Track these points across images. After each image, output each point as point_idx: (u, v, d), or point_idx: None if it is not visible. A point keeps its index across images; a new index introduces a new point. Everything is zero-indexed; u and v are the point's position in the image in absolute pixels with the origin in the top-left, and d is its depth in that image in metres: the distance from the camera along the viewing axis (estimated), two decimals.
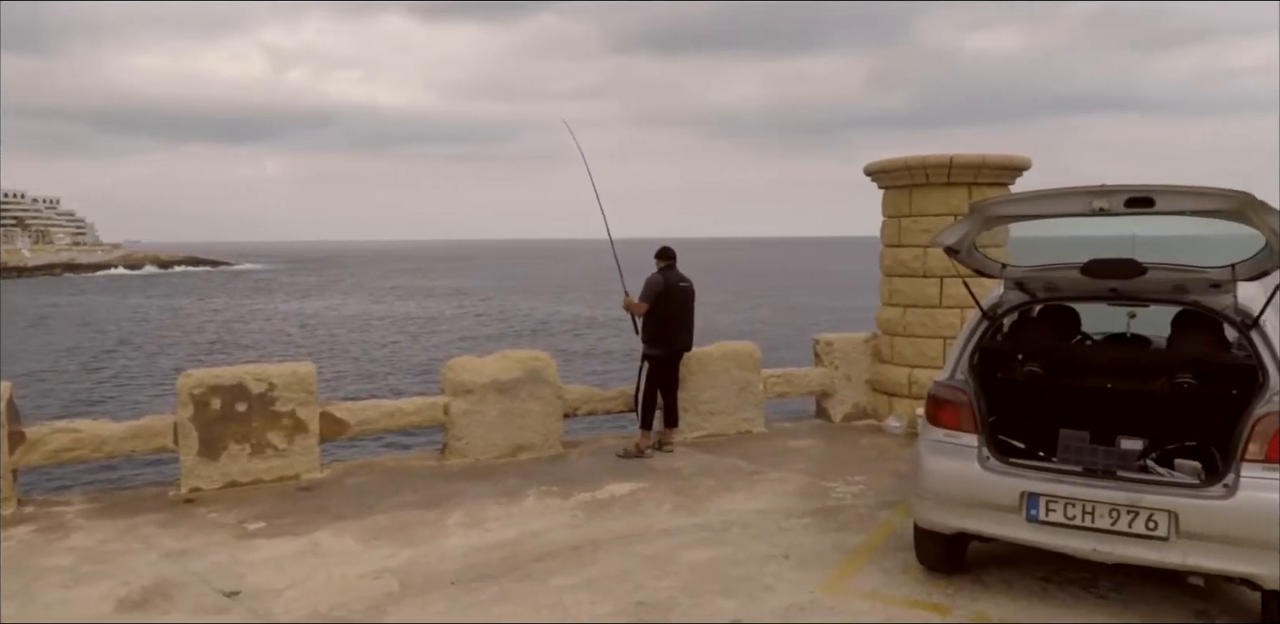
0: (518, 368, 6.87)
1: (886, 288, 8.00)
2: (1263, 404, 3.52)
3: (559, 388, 7.05)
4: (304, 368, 6.36)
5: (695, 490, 5.94)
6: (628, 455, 6.84)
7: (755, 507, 5.55)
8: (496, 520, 5.33)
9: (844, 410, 8.15)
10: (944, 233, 4.17)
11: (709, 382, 7.49)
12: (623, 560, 4.61)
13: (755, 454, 6.93)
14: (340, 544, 4.95)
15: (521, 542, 4.93)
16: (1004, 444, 4.12)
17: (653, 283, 6.85)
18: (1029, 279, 4.33)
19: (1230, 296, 3.90)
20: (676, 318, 6.89)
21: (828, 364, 8.14)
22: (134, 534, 5.17)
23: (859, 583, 4.29)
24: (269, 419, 6.17)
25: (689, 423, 7.45)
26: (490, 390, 6.77)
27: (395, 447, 10.50)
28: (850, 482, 6.11)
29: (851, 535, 4.99)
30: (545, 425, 6.98)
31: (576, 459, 6.88)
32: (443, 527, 5.22)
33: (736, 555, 4.67)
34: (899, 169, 7.51)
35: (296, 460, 6.26)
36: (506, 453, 6.84)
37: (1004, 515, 3.79)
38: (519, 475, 6.35)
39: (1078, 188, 3.64)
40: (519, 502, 5.72)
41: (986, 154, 7.23)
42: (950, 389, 4.10)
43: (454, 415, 6.73)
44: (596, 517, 5.38)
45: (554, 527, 5.20)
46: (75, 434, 5.86)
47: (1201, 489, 3.49)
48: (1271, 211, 3.35)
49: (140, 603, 4.15)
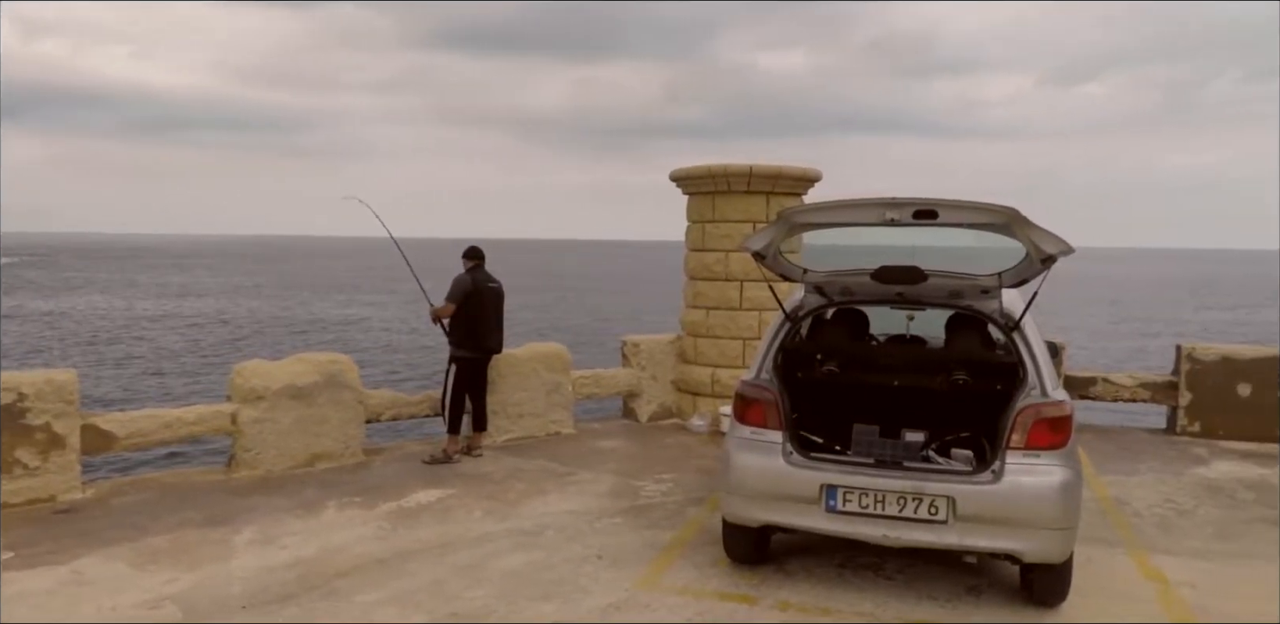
0: (315, 372, 6.47)
1: (690, 290, 8.27)
2: (1023, 398, 3.95)
3: (360, 393, 6.71)
4: (62, 375, 5.64)
5: (506, 495, 5.85)
6: (435, 461, 6.63)
7: (567, 508, 5.55)
8: (293, 536, 4.98)
9: (650, 410, 8.34)
10: (752, 238, 4.36)
11: (518, 384, 7.41)
12: (434, 571, 4.45)
13: (566, 456, 6.94)
14: (109, 571, 4.44)
15: (322, 557, 4.64)
16: (805, 439, 4.36)
17: (460, 283, 6.68)
18: (827, 283, 4.61)
19: (997, 301, 4.35)
20: (485, 319, 6.76)
21: (635, 365, 8.29)
22: None
23: (671, 579, 4.39)
24: (18, 434, 5.43)
25: (498, 426, 7.33)
26: (284, 396, 6.33)
27: (179, 460, 9.58)
28: (659, 480, 6.26)
29: (662, 532, 5.10)
30: (345, 432, 6.62)
31: (380, 467, 6.58)
32: (231, 546, 4.81)
33: (551, 559, 4.64)
34: (703, 176, 7.78)
35: (52, 480, 5.55)
36: (303, 463, 6.42)
37: (806, 507, 4.01)
38: (318, 486, 5.98)
39: (872, 199, 3.91)
40: (318, 514, 5.38)
41: (783, 165, 7.64)
42: (756, 388, 4.29)
43: (243, 424, 6.23)
44: (404, 526, 5.17)
45: (358, 539, 4.94)
46: None
47: (974, 476, 3.86)
48: (1033, 226, 3.76)
49: None
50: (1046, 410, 3.87)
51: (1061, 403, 3.94)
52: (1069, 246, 3.82)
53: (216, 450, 8.29)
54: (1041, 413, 3.85)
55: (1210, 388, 7.80)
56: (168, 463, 9.15)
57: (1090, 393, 8.18)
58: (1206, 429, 7.78)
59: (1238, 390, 7.71)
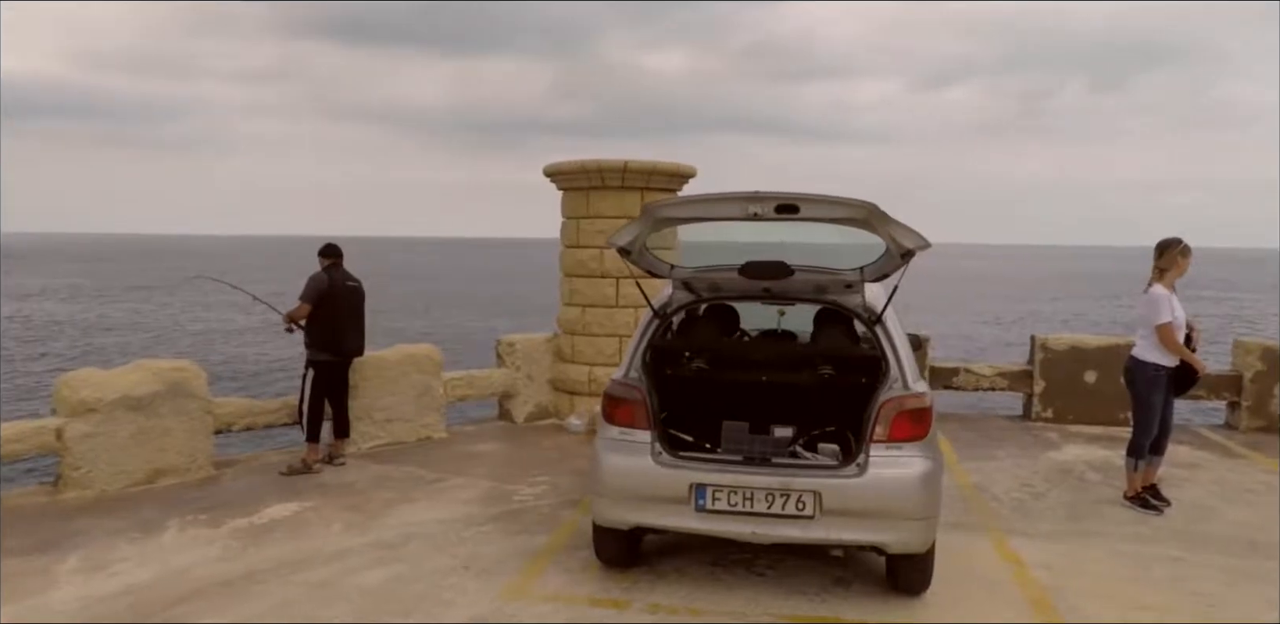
0: (155, 381, 5.96)
1: (566, 287, 8.11)
2: (885, 391, 3.98)
3: (208, 402, 6.23)
4: None
5: (369, 505, 5.54)
6: (293, 472, 6.22)
7: (436, 517, 5.30)
8: (126, 561, 4.54)
9: (527, 411, 8.13)
10: (617, 234, 4.24)
11: (386, 388, 7.06)
12: (284, 591, 4.13)
13: (436, 461, 6.65)
14: None
15: (159, 583, 4.24)
16: (675, 438, 4.27)
17: (316, 282, 6.30)
18: (695, 280, 4.54)
19: (860, 296, 4.38)
20: (344, 320, 6.40)
21: (510, 365, 8.07)
22: None
23: (541, 586, 4.23)
24: None
25: (363, 432, 6.97)
26: (119, 408, 5.80)
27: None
28: (533, 483, 6.07)
29: (534, 538, 4.92)
30: (191, 445, 6.13)
31: (231, 481, 6.13)
32: (53, 576, 4.34)
33: (414, 572, 4.39)
34: (576, 171, 7.63)
35: None
36: (142, 480, 5.91)
37: (676, 507, 3.92)
38: (158, 505, 5.50)
39: (735, 193, 3.86)
40: (156, 536, 4.94)
41: (658, 161, 7.58)
42: (624, 387, 4.18)
43: (70, 440, 5.66)
44: (254, 545, 4.80)
45: (201, 561, 4.54)
46: None
47: (839, 470, 3.86)
48: (891, 221, 3.79)
49: None
50: (908, 402, 3.90)
51: (922, 395, 3.99)
52: (925, 241, 3.87)
53: (42, 470, 7.56)
54: (903, 405, 3.89)
55: (1061, 375, 8.22)
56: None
57: (953, 383, 8.49)
58: (1059, 415, 8.20)
59: (1085, 377, 8.16)
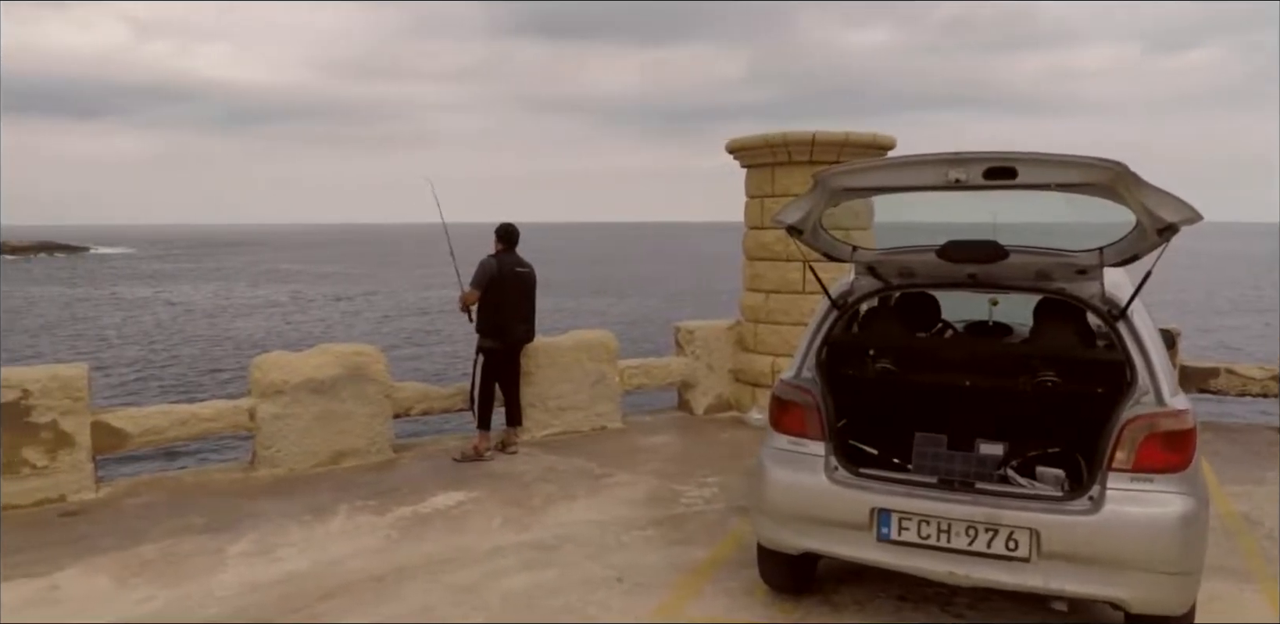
0: (337, 364, 6.06)
1: (749, 272, 7.56)
2: (1130, 405, 3.13)
3: (387, 386, 6.28)
4: (70, 370, 5.37)
5: (532, 500, 5.31)
6: (465, 459, 6.15)
7: (595, 517, 4.97)
8: (291, 546, 4.56)
9: (706, 402, 7.68)
10: (785, 209, 3.64)
11: (560, 375, 6.86)
12: (428, 594, 3.94)
13: (606, 454, 6.36)
14: (88, 586, 4.09)
15: (314, 573, 4.19)
16: (855, 451, 3.65)
17: (485, 268, 6.16)
18: (881, 264, 3.86)
19: (1097, 284, 3.51)
20: (512, 306, 6.22)
21: (689, 353, 7.64)
22: None
23: (697, 608, 3.77)
24: (23, 433, 5.18)
25: (537, 420, 6.81)
26: (304, 390, 5.94)
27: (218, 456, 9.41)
28: (703, 484, 5.61)
29: (696, 549, 4.46)
30: (371, 429, 6.20)
31: (407, 465, 6.14)
32: (222, 558, 4.42)
33: (561, 580, 4.07)
34: (760, 146, 7.04)
35: (62, 480, 5.30)
36: (326, 461, 6.04)
37: (854, 534, 3.31)
38: (335, 488, 5.57)
39: (931, 155, 3.16)
40: (325, 521, 4.96)
41: (851, 132, 6.83)
42: (795, 389, 3.60)
43: (262, 420, 5.87)
44: (411, 537, 4.69)
45: (358, 552, 4.48)
46: None
47: (1064, 503, 3.08)
48: (1145, 186, 2.94)
49: None
50: (1162, 422, 3.04)
51: (1182, 413, 3.10)
52: (1194, 212, 2.98)
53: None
54: (1156, 426, 3.03)
55: None
56: (211, 457, 8.99)
57: (1211, 386, 7.12)
58: None
59: None
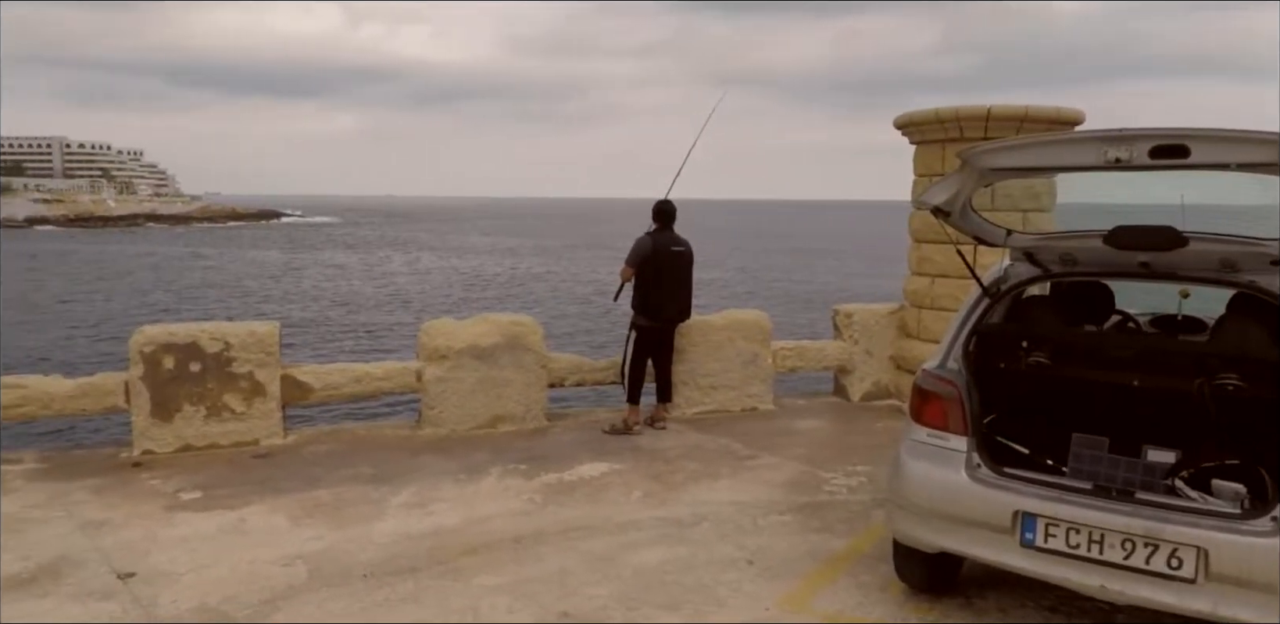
0: (497, 333, 6.34)
1: (915, 255, 7.21)
2: None
3: (543, 356, 6.50)
4: (264, 327, 5.93)
5: (674, 476, 5.36)
6: (614, 432, 6.29)
7: (734, 498, 4.95)
8: (445, 502, 4.85)
9: (863, 389, 7.45)
10: (931, 190, 3.44)
11: (711, 353, 6.86)
12: (563, 558, 4.07)
13: (753, 435, 6.31)
14: (268, 522, 4.53)
15: (461, 529, 4.44)
16: (1002, 449, 3.42)
17: (640, 246, 6.21)
18: (1040, 249, 3.57)
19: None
20: (665, 284, 6.24)
21: (847, 338, 7.42)
22: (63, 500, 4.84)
23: (826, 600, 3.68)
24: (225, 381, 5.78)
25: (688, 397, 6.85)
26: (467, 356, 6.26)
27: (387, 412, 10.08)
28: (850, 472, 5.46)
29: (834, 539, 4.36)
30: (527, 396, 6.45)
31: (559, 434, 6.36)
32: (383, 507, 4.76)
33: (694, 558, 4.09)
34: (930, 122, 6.66)
35: (256, 425, 5.87)
36: (485, 424, 6.35)
37: (995, 537, 3.12)
38: (490, 450, 5.86)
39: (1089, 132, 2.87)
40: (478, 481, 5.23)
41: (1032, 106, 6.32)
42: (937, 380, 3.42)
43: (427, 382, 6.25)
44: (554, 502, 4.86)
45: (503, 512, 4.69)
46: (22, 390, 5.55)
47: (1241, 521, 2.76)
48: None
49: (26, 582, 3.79)
50: None
51: None
52: None
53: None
54: None
55: None
56: (387, 413, 9.66)
57: None
58: None
59: None
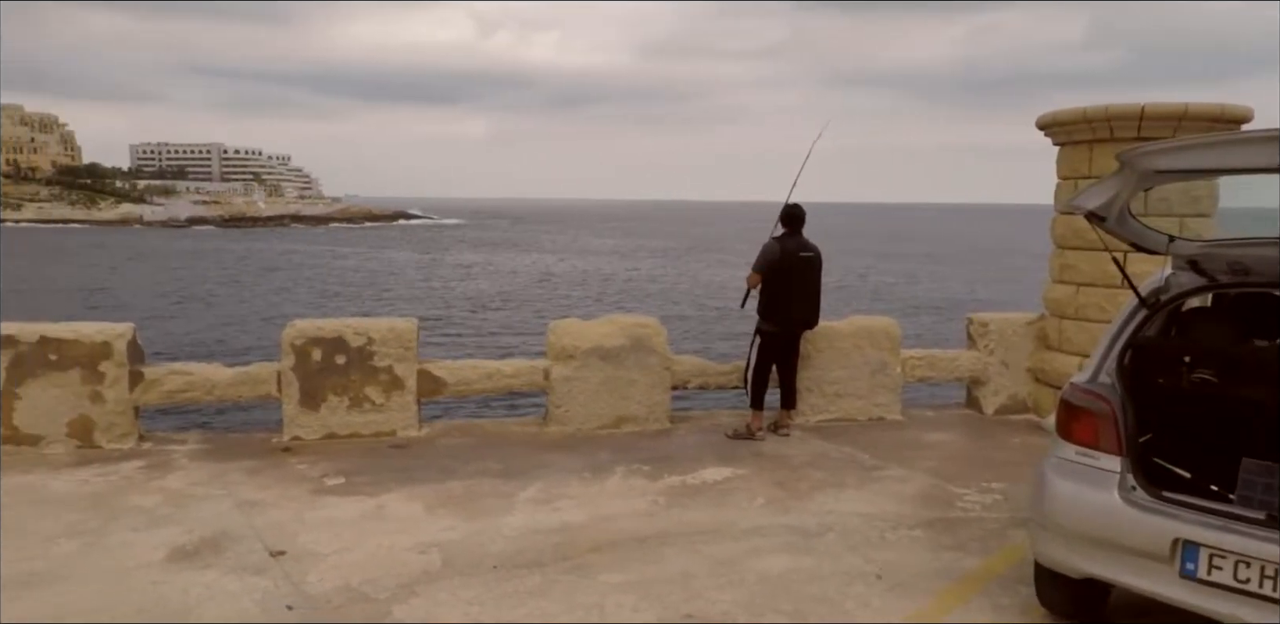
0: (622, 334, 6.42)
1: (1057, 262, 6.86)
2: None
3: (666, 358, 6.54)
4: (403, 323, 6.21)
5: (799, 484, 5.29)
6: (737, 436, 6.25)
7: (862, 509, 4.84)
8: (570, 499, 4.94)
9: (998, 402, 7.13)
10: (1085, 193, 3.26)
11: (837, 360, 6.72)
12: (688, 561, 4.08)
13: (881, 445, 6.15)
14: (405, 510, 4.74)
15: (587, 527, 4.51)
16: (1158, 471, 3.21)
17: (767, 252, 6.13)
18: (1206, 257, 3.33)
19: None
20: (792, 291, 6.15)
21: (981, 347, 7.13)
22: (222, 480, 5.20)
23: (960, 620, 3.55)
24: (367, 373, 6.08)
25: (812, 405, 6.74)
26: (593, 357, 6.36)
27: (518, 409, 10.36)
28: (985, 489, 5.24)
29: (968, 557, 4.19)
30: (651, 397, 6.50)
31: (682, 436, 6.37)
32: (512, 501, 4.89)
33: (820, 568, 4.02)
34: (1077, 121, 6.31)
35: (393, 416, 6.15)
36: (609, 424, 6.44)
37: (1150, 565, 2.93)
38: (614, 450, 5.93)
39: (1263, 131, 2.65)
40: (602, 480, 5.30)
41: (1190, 103, 5.90)
42: (1088, 395, 3.23)
43: (555, 381, 6.39)
44: (678, 505, 4.87)
45: (628, 512, 4.74)
46: (188, 377, 6.01)
47: None
48: None
49: (190, 554, 4.09)
50: None
51: None
52: None
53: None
54: None
55: None
56: (513, 410, 9.93)
57: None
58: None
59: None
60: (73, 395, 5.72)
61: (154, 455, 5.67)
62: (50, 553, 4.08)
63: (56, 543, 4.18)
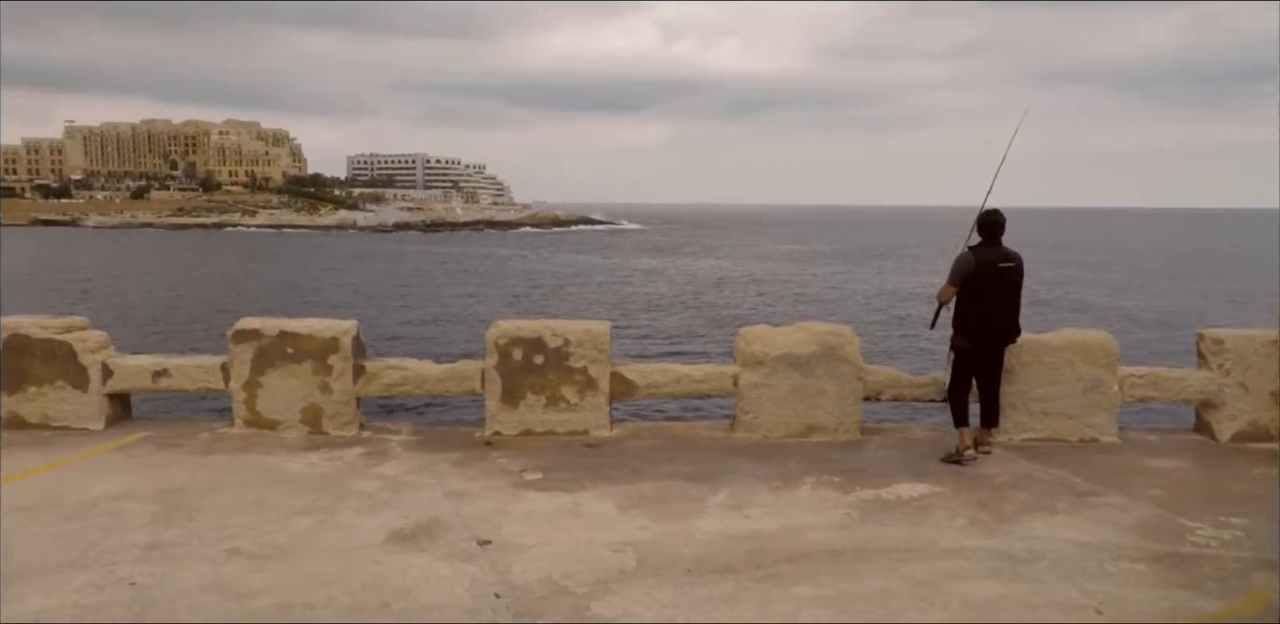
0: (813, 342, 6.30)
1: None
2: None
3: (859, 368, 6.36)
4: (598, 326, 6.40)
5: (1002, 506, 4.98)
6: (949, 460, 5.79)
7: (1075, 537, 4.49)
8: (761, 507, 4.91)
9: (1235, 428, 6.41)
10: None
11: (1045, 376, 6.28)
12: (885, 579, 3.95)
13: (1094, 469, 5.68)
14: (599, 508, 4.88)
15: (779, 536, 4.47)
16: None
17: (960, 263, 5.73)
18: None
19: None
20: (987, 303, 5.75)
21: (1215, 367, 6.43)
22: (431, 470, 5.57)
23: None
24: (563, 374, 6.31)
25: (1016, 422, 6.33)
26: (782, 364, 6.29)
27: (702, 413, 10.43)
28: (1221, 524, 4.72)
29: (1202, 598, 3.79)
30: (841, 408, 6.35)
31: (873, 449, 6.18)
32: (703, 505, 4.93)
33: (1031, 598, 3.77)
34: None
35: (587, 416, 6.35)
36: (797, 433, 6.35)
37: None
38: (803, 459, 5.84)
39: None
40: (792, 489, 5.23)
41: None
42: None
43: (743, 387, 6.37)
44: (872, 520, 4.72)
45: (820, 524, 4.65)
46: (403, 371, 6.48)
47: None
48: None
49: (406, 538, 4.40)
50: None
51: None
52: None
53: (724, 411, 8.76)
54: None
55: None
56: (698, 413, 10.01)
57: None
58: None
59: None
60: (305, 385, 6.32)
61: (372, 444, 6.16)
62: (289, 528, 4.52)
63: (294, 519, 4.63)
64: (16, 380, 6.39)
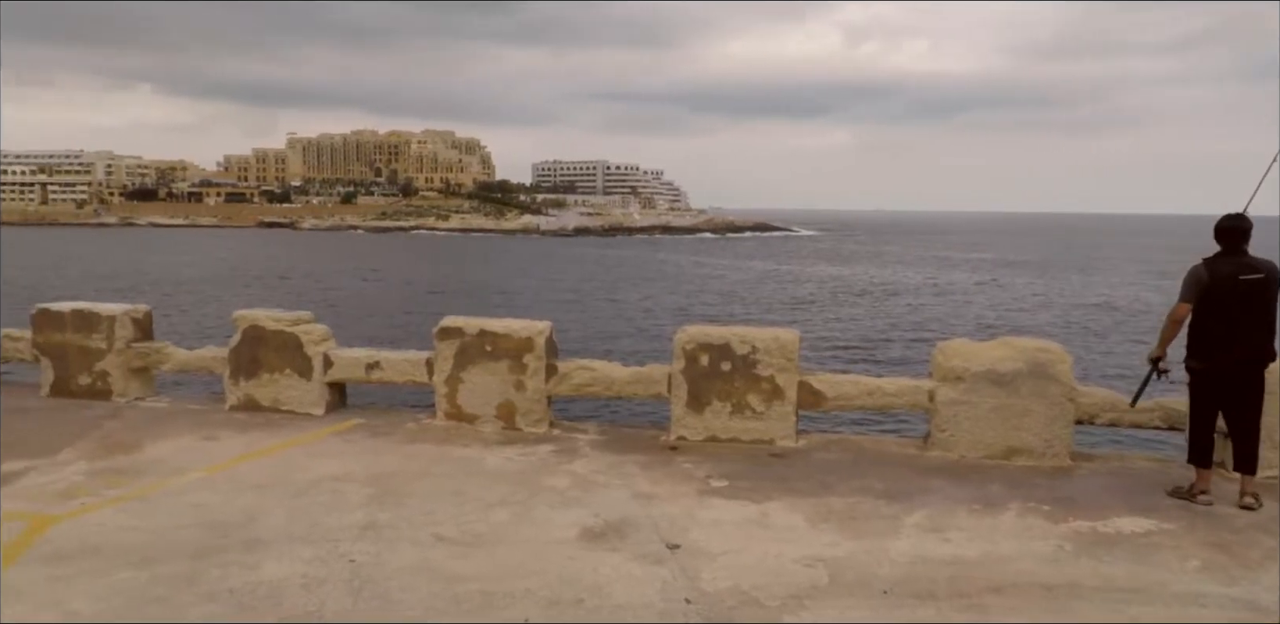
0: (1019, 358, 5.90)
1: None
2: None
3: (1070, 388, 5.88)
4: (786, 334, 6.29)
5: (1247, 551, 4.44)
6: (1175, 494, 5.23)
7: None
8: (961, 531, 4.63)
9: None
10: None
11: None
12: (1106, 621, 3.61)
13: None
14: (787, 520, 4.78)
15: (982, 564, 4.20)
16: None
17: (1193, 277, 5.05)
18: None
19: None
20: (1226, 321, 5.01)
21: None
22: (618, 470, 5.66)
23: None
24: (749, 381, 6.25)
25: (1265, 458, 5.60)
26: (984, 381, 5.93)
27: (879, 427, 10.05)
28: None
29: None
30: (1049, 430, 5.90)
31: (1086, 477, 5.70)
32: (898, 524, 4.71)
33: None
34: None
35: (772, 425, 6.25)
36: (998, 454, 5.96)
37: None
38: (1005, 483, 5.48)
39: None
40: (995, 514, 4.91)
41: None
42: None
43: (939, 403, 6.06)
44: (1087, 554, 4.34)
45: (1028, 554, 4.33)
46: (592, 372, 6.64)
47: None
48: None
49: (598, 536, 4.49)
50: None
51: None
52: None
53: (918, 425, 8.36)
54: None
55: None
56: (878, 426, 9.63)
57: None
58: None
59: None
60: (501, 382, 6.60)
61: (562, 441, 6.34)
62: (489, 518, 4.72)
63: (493, 511, 4.84)
64: (253, 367, 7.07)
